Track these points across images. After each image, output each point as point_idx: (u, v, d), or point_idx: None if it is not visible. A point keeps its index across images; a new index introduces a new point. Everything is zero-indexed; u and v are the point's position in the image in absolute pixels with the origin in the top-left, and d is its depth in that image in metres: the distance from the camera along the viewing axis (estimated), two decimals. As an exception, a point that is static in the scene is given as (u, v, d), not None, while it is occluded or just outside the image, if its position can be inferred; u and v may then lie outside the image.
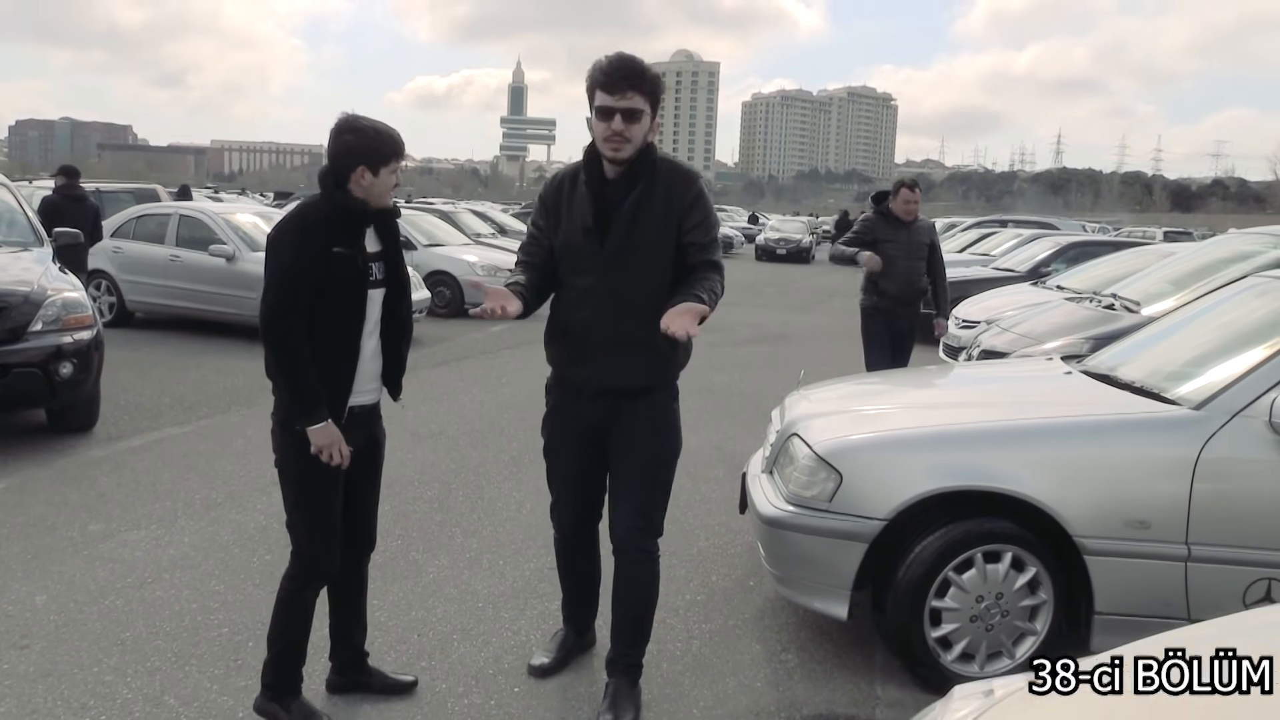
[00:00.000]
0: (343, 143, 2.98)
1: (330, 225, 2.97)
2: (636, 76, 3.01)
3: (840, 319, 16.33)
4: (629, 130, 3.02)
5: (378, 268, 3.11)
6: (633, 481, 3.23)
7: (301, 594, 3.11)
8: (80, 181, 11.17)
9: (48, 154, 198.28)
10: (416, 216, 16.43)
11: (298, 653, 3.14)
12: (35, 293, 6.24)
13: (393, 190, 3.07)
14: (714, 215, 3.21)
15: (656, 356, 3.14)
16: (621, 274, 3.09)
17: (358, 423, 3.12)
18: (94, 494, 5.39)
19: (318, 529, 3.08)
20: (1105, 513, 3.38)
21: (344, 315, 3.01)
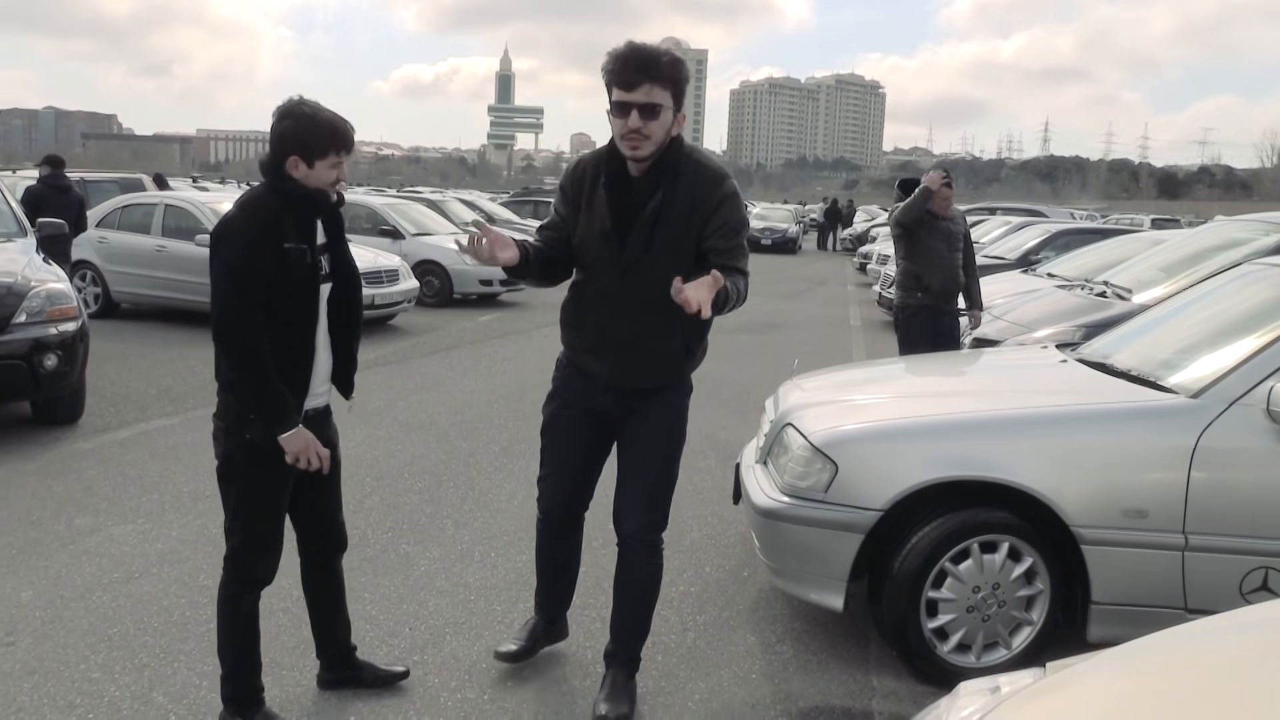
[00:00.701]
0: (279, 128, 2.81)
1: (280, 218, 2.79)
2: (652, 67, 2.82)
3: (830, 307, 16.34)
4: (648, 127, 2.85)
5: (326, 260, 2.96)
6: (643, 476, 3.17)
7: (241, 600, 2.97)
8: (65, 171, 11.06)
9: (32, 143, 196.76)
10: (405, 205, 16.35)
11: (252, 661, 3.02)
12: (19, 284, 6.16)
13: (334, 186, 2.88)
14: (741, 218, 3.03)
15: (670, 360, 3.09)
16: (641, 279, 2.96)
17: (312, 427, 2.96)
18: (80, 487, 5.33)
19: (258, 538, 2.94)
20: (1102, 502, 3.36)
21: (298, 314, 2.85)
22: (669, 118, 2.90)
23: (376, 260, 11.89)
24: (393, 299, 11.72)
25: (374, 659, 3.48)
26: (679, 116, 2.94)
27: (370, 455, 6.14)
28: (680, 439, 3.24)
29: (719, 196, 2.96)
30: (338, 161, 2.85)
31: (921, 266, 6.40)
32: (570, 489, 3.34)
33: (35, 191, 10.21)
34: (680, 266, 2.90)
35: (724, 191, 2.97)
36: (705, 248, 2.96)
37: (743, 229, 3.04)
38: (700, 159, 3.03)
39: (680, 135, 3.00)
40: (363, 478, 5.65)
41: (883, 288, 14.19)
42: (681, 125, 2.98)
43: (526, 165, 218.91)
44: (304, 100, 2.86)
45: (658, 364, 3.09)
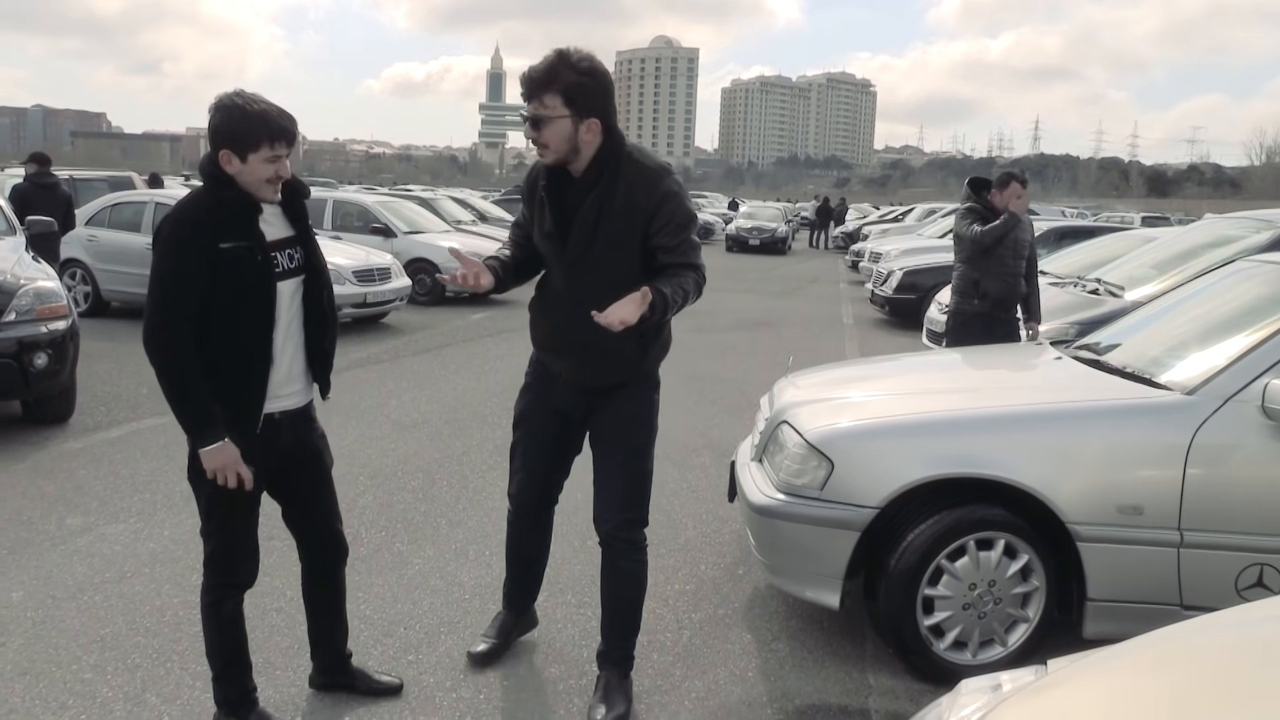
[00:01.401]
0: (212, 123, 2.67)
1: (214, 218, 2.67)
2: (541, 82, 2.87)
3: (822, 305, 16.35)
4: (542, 136, 2.91)
5: (288, 255, 2.83)
6: (614, 474, 3.18)
7: (222, 605, 2.92)
8: (52, 169, 11.01)
9: (20, 141, 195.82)
10: (396, 203, 16.31)
11: (241, 663, 2.98)
12: (8, 282, 6.12)
13: (274, 181, 2.75)
14: (686, 214, 3.00)
15: (624, 359, 3.08)
16: (587, 279, 2.99)
17: (278, 430, 2.88)
18: (71, 487, 5.30)
19: (232, 541, 2.88)
20: (1098, 499, 3.35)
21: (251, 314, 2.74)
22: (565, 126, 2.89)
23: (368, 258, 11.86)
24: (384, 297, 11.68)
25: (369, 658, 3.47)
26: (589, 123, 2.91)
27: (363, 454, 6.11)
28: (650, 432, 3.22)
29: (659, 193, 2.94)
30: (274, 155, 2.70)
31: (982, 272, 6.12)
32: (541, 484, 3.38)
33: (21, 190, 10.16)
34: (626, 264, 2.95)
35: (664, 188, 2.95)
36: (652, 245, 2.96)
37: (689, 224, 3.01)
38: (640, 158, 3.02)
39: (617, 136, 2.98)
40: (356, 476, 5.63)
41: (875, 286, 14.22)
42: (596, 131, 2.93)
43: (518, 164, 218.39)
44: (239, 92, 2.73)
45: (613, 363, 3.08)
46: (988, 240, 6.04)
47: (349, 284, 11.15)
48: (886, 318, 13.97)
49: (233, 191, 2.72)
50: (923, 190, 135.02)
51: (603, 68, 2.97)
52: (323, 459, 3.10)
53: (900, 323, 13.22)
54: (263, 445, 2.83)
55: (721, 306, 14.53)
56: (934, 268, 13.35)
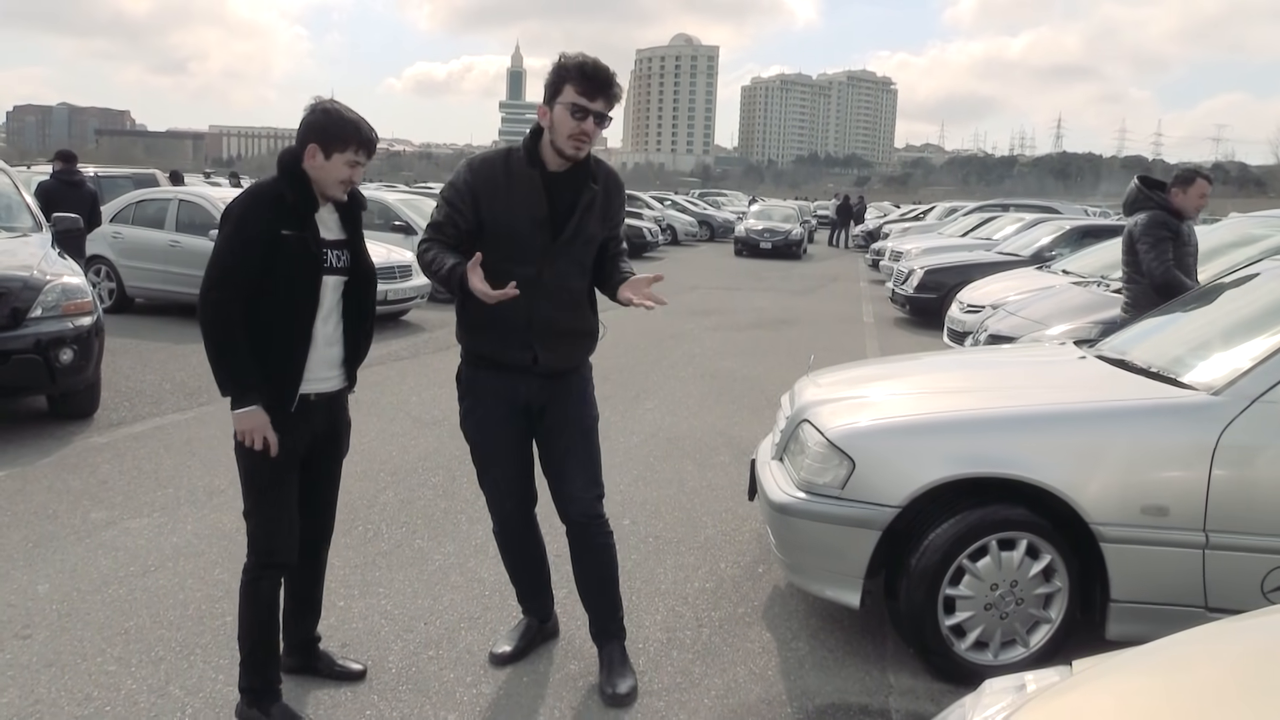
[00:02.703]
0: (307, 120, 2.93)
1: (277, 205, 2.89)
2: (613, 86, 3.07)
3: (842, 304, 16.29)
4: (596, 134, 3.08)
5: (336, 255, 3.03)
6: (574, 460, 3.28)
7: (259, 585, 3.01)
8: (78, 166, 11.09)
9: (45, 139, 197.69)
10: (418, 201, 16.37)
11: (270, 650, 3.04)
12: (34, 278, 6.18)
13: (346, 183, 2.97)
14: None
15: (590, 339, 3.31)
16: (565, 265, 3.15)
17: (312, 410, 3.04)
18: (95, 481, 5.34)
19: (271, 519, 2.99)
20: (1122, 499, 3.33)
21: (296, 299, 2.93)
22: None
23: (390, 255, 11.89)
24: (405, 294, 11.73)
25: (389, 653, 3.49)
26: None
27: (384, 450, 6.14)
28: (591, 405, 3.39)
29: (622, 197, 3.33)
30: (354, 160, 2.93)
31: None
32: (519, 490, 3.42)
33: (48, 187, 10.23)
34: (588, 255, 3.23)
35: (624, 192, 3.37)
36: (609, 237, 3.27)
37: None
38: (602, 161, 3.31)
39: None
40: (377, 473, 5.65)
41: (896, 284, 14.17)
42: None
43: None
44: (335, 100, 2.98)
45: (581, 343, 3.29)
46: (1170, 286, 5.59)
47: (370, 281, 11.19)
48: (907, 316, 13.91)
49: (300, 185, 2.93)
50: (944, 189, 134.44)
51: None
52: (342, 441, 3.25)
53: (921, 322, 13.16)
54: (297, 424, 2.98)
55: (741, 305, 14.51)
56: (955, 266, 13.30)
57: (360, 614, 3.83)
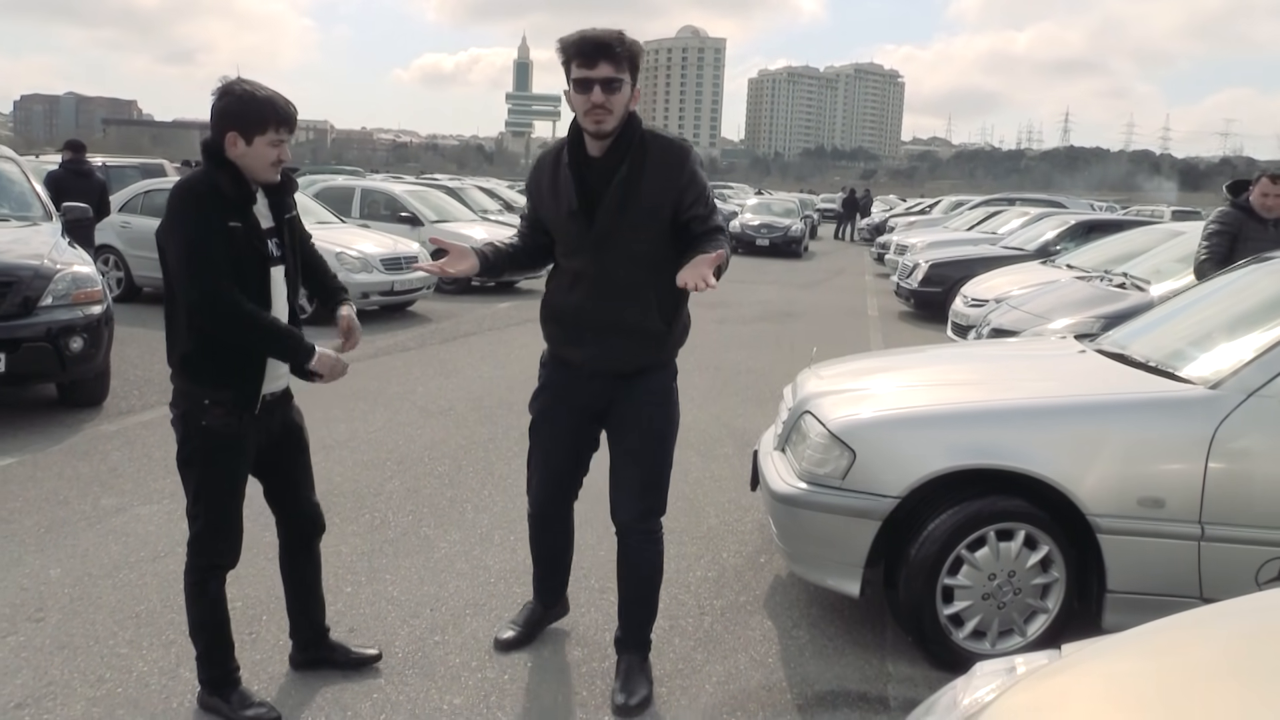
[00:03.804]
0: (216, 106, 2.78)
1: (214, 198, 2.77)
2: (609, 46, 2.90)
3: (847, 296, 16.32)
4: (609, 101, 2.90)
5: (274, 244, 2.93)
6: (632, 465, 3.19)
7: (205, 585, 3.00)
8: (86, 156, 11.15)
9: (52, 129, 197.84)
10: (424, 192, 16.42)
11: (223, 643, 3.05)
12: (45, 267, 6.23)
13: (276, 164, 2.85)
14: (708, 187, 3.10)
15: (650, 338, 3.09)
16: (612, 255, 3.00)
17: (270, 411, 3.00)
18: (105, 468, 5.41)
19: (218, 523, 2.96)
20: (1118, 491, 3.37)
21: (249, 298, 2.81)
22: (628, 92, 2.95)
23: (396, 246, 11.96)
24: (411, 285, 11.79)
25: (396, 638, 3.55)
26: (635, 92, 2.99)
27: (390, 440, 6.19)
28: (669, 423, 3.22)
29: (688, 170, 3.00)
30: (278, 139, 2.81)
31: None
32: (560, 487, 3.40)
33: (57, 176, 10.29)
34: (649, 239, 2.99)
35: (692, 162, 3.03)
36: (687, 218, 2.99)
37: (710, 193, 3.10)
38: (661, 134, 3.08)
39: (636, 113, 3.04)
40: (383, 462, 5.71)
41: (900, 278, 14.19)
42: (637, 101, 3.02)
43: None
44: (242, 79, 2.84)
45: (637, 343, 3.09)
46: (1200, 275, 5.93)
47: (376, 271, 11.27)
48: (911, 310, 13.93)
49: (233, 173, 2.81)
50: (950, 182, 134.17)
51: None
52: (303, 435, 3.19)
53: (925, 315, 13.18)
54: (256, 426, 2.95)
55: (745, 298, 14.54)
56: (960, 260, 13.32)
57: (367, 600, 3.89)
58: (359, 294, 10.79)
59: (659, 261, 2.98)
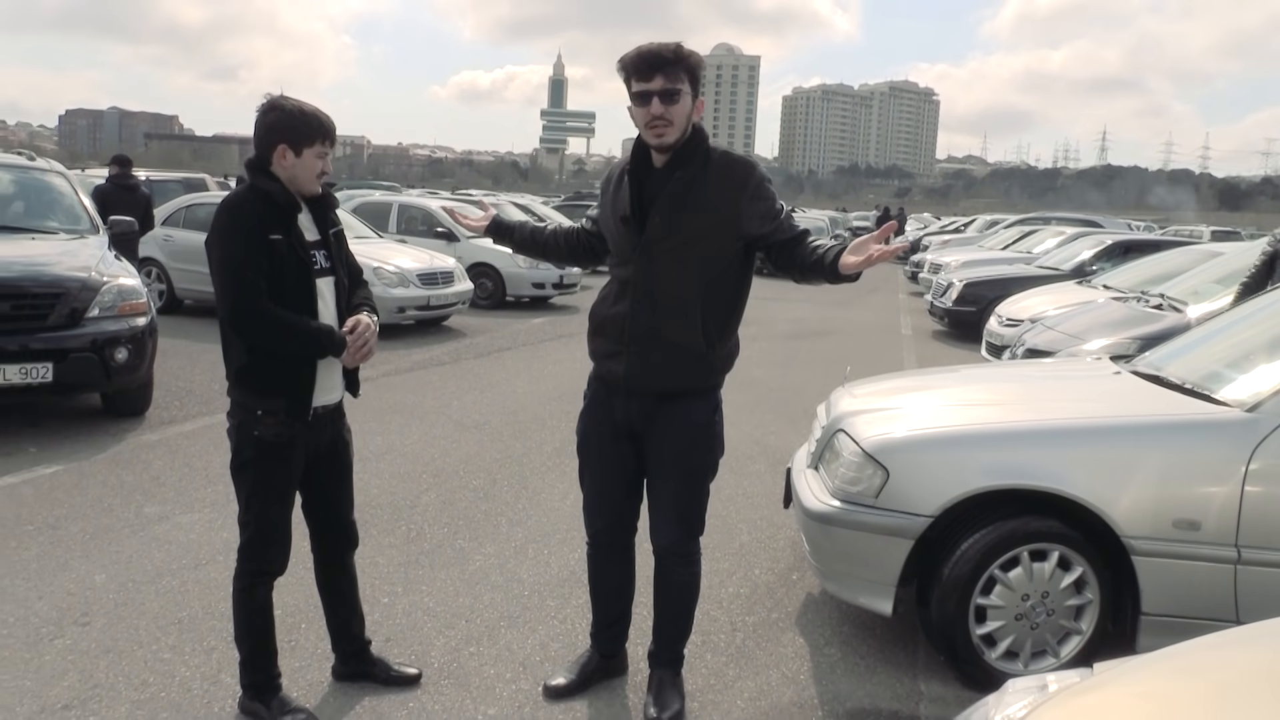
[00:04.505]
0: (265, 121, 2.89)
1: (260, 212, 2.86)
2: (663, 57, 2.90)
3: (880, 315, 16.27)
4: (669, 112, 2.90)
5: (321, 256, 3.01)
6: (669, 491, 3.16)
7: (253, 591, 3.06)
8: (132, 170, 11.37)
9: (96, 142, 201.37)
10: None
11: (267, 649, 3.11)
12: (92, 279, 6.37)
13: (321, 176, 2.96)
14: (777, 200, 3.05)
15: (691, 357, 3.03)
16: (661, 265, 2.97)
17: (321, 424, 3.06)
18: (148, 477, 5.51)
19: (268, 530, 3.02)
20: (1154, 513, 3.36)
21: (297, 308, 2.91)
22: (688, 103, 2.95)
23: (432, 261, 12.09)
24: (447, 300, 11.91)
25: (432, 648, 3.60)
26: (698, 102, 2.99)
27: (426, 453, 6.27)
28: (707, 450, 3.16)
29: (753, 184, 2.99)
30: (323, 152, 2.93)
31: None
32: (611, 511, 3.30)
33: (104, 190, 10.52)
34: (703, 255, 2.97)
35: (758, 178, 3.01)
36: (769, 233, 2.98)
37: (782, 206, 3.07)
38: (727, 151, 3.08)
39: (702, 127, 3.05)
40: (419, 475, 5.78)
41: (934, 297, 14.15)
42: (700, 111, 3.01)
43: (578, 169, 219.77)
44: (285, 96, 2.95)
45: (678, 361, 3.03)
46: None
47: (413, 286, 11.39)
48: (946, 329, 13.88)
49: (277, 187, 2.91)
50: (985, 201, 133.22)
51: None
52: (348, 453, 3.25)
53: (959, 334, 13.13)
54: (306, 437, 3.02)
55: (779, 315, 14.54)
56: (995, 280, 13.26)
57: (404, 610, 3.94)
58: (395, 308, 10.93)
59: (713, 278, 2.98)
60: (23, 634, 3.59)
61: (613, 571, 3.40)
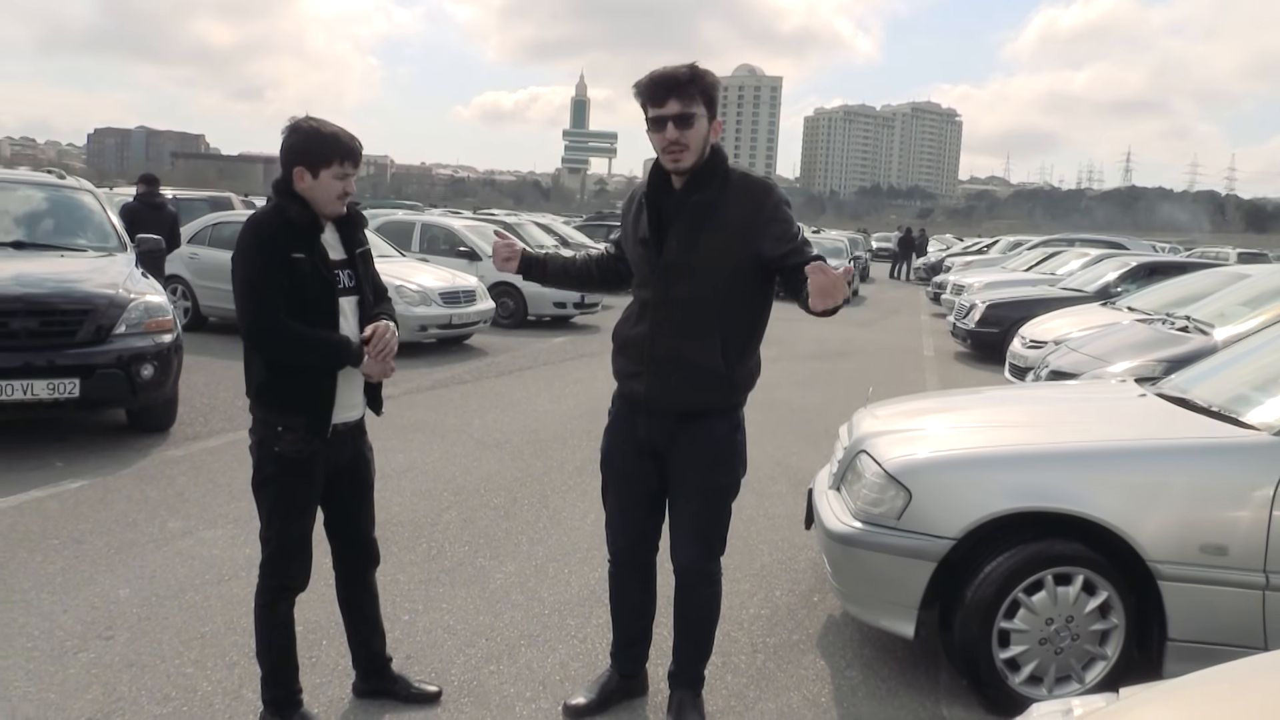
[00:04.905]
0: (285, 143, 2.92)
1: (283, 231, 2.89)
2: (678, 83, 2.91)
3: (902, 336, 16.22)
4: (684, 136, 2.91)
5: (345, 275, 3.04)
6: (690, 510, 3.15)
7: (275, 607, 3.07)
8: (159, 189, 11.50)
9: (123, 161, 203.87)
10: (482, 227, 16.66)
11: (289, 665, 3.12)
12: (120, 296, 6.44)
13: (342, 197, 2.97)
14: (794, 222, 3.02)
15: (710, 378, 3.02)
16: (680, 286, 2.98)
17: (341, 441, 3.07)
18: (172, 492, 5.55)
19: (289, 546, 3.04)
20: (1180, 537, 3.33)
21: (319, 325, 2.94)
22: (704, 126, 2.96)
23: (454, 280, 12.15)
24: (469, 319, 11.96)
25: (452, 666, 3.60)
26: (715, 124, 2.99)
27: (447, 471, 6.28)
28: (729, 469, 3.16)
29: (770, 205, 2.97)
30: (343, 173, 2.93)
31: None
32: (633, 529, 3.29)
33: (131, 209, 10.63)
34: (725, 277, 2.97)
35: (775, 199, 2.99)
36: (782, 255, 2.93)
37: (797, 228, 3.02)
38: (746, 172, 3.08)
39: (721, 148, 3.05)
40: (440, 493, 5.79)
41: (957, 318, 14.09)
42: (719, 133, 3.02)
43: (599, 189, 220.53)
44: (309, 116, 2.97)
45: (697, 381, 3.02)
46: None
47: (435, 305, 11.45)
48: (968, 351, 13.82)
49: (299, 207, 2.93)
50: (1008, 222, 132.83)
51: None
52: (369, 470, 3.27)
53: (982, 356, 13.07)
54: (326, 454, 3.04)
55: (800, 335, 14.51)
56: (1018, 301, 13.21)
57: (424, 628, 3.95)
58: (417, 327, 10.98)
59: (731, 299, 2.98)
60: (47, 647, 3.61)
61: (634, 590, 3.39)
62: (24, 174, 10.03)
